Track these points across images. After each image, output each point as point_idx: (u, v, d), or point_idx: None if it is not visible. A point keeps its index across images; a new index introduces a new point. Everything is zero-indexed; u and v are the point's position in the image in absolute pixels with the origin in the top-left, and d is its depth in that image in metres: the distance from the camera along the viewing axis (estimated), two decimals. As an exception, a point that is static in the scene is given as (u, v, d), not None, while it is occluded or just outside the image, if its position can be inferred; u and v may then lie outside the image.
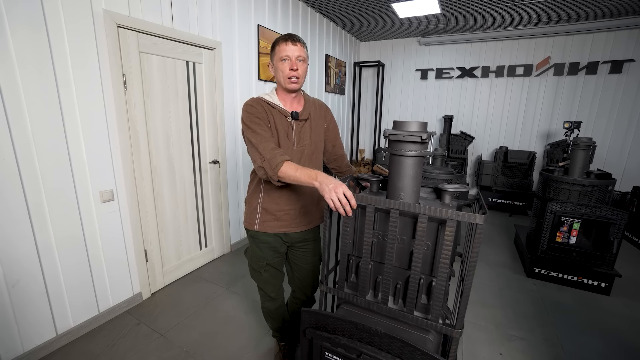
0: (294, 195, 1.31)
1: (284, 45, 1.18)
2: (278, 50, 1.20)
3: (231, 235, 2.99)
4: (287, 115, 1.24)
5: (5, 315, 1.54)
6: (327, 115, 1.43)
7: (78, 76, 1.69)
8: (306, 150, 1.29)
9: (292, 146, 1.27)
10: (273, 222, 1.33)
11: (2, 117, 1.43)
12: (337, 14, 4.01)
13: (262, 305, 1.59)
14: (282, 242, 1.39)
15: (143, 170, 2.12)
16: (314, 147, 1.33)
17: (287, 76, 1.19)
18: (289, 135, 1.25)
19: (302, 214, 1.35)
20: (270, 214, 1.32)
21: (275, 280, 1.48)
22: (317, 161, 1.37)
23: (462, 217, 0.86)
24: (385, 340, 0.90)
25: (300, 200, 1.33)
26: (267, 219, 1.33)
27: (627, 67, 3.91)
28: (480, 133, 4.90)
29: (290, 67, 1.18)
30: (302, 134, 1.28)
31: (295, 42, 1.18)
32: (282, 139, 1.24)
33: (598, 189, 2.50)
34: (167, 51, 2.17)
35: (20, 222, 1.55)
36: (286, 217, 1.33)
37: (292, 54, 1.18)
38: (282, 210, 1.32)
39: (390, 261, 1.01)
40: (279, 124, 1.23)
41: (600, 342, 1.91)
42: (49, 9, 1.53)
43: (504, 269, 2.82)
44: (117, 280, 2.04)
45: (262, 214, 1.33)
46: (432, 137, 1.00)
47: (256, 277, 1.48)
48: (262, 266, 1.41)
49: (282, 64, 1.19)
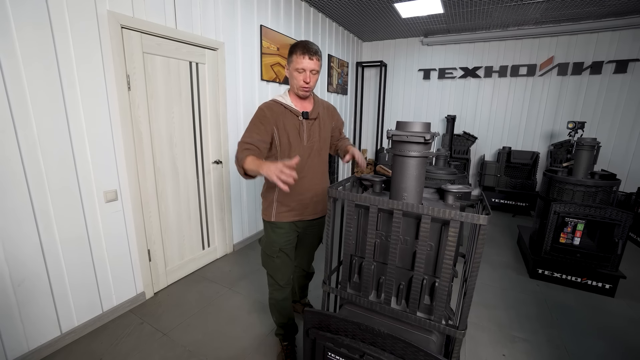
0: (304, 187, 1.47)
1: (302, 58, 1.30)
2: (295, 61, 1.32)
3: (234, 235, 3.00)
4: (299, 115, 1.39)
5: (11, 314, 1.56)
6: (335, 115, 1.58)
7: (82, 77, 1.70)
8: (315, 146, 1.44)
9: (303, 142, 1.41)
10: (287, 213, 1.50)
11: (8, 118, 1.45)
12: (340, 14, 4.01)
13: (270, 297, 1.66)
14: (295, 229, 1.56)
15: (147, 170, 2.13)
16: (322, 143, 1.48)
17: (299, 85, 1.35)
18: (300, 133, 1.40)
19: (313, 203, 1.52)
20: (285, 206, 1.49)
21: (285, 268, 1.58)
22: (324, 156, 1.52)
23: (466, 218, 0.86)
24: (388, 340, 0.90)
25: (311, 191, 1.49)
26: (282, 210, 1.49)
27: (632, 66, 3.88)
28: (483, 133, 4.88)
29: (304, 79, 1.33)
30: (312, 131, 1.43)
31: (312, 56, 1.31)
32: (293, 137, 1.39)
33: (602, 189, 2.49)
34: (171, 52, 2.18)
35: (25, 222, 1.56)
36: (298, 207, 1.49)
37: (307, 67, 1.32)
38: (294, 200, 1.48)
39: (394, 262, 1.01)
40: (290, 123, 1.38)
41: (604, 344, 1.90)
42: (54, 9, 1.54)
43: (507, 269, 2.80)
44: (121, 279, 2.05)
45: (278, 207, 1.49)
46: (435, 138, 1.00)
47: (268, 263, 1.59)
48: (275, 251, 1.53)
49: (297, 74, 1.34)
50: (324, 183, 1.54)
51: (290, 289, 1.66)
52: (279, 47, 3.24)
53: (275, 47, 3.20)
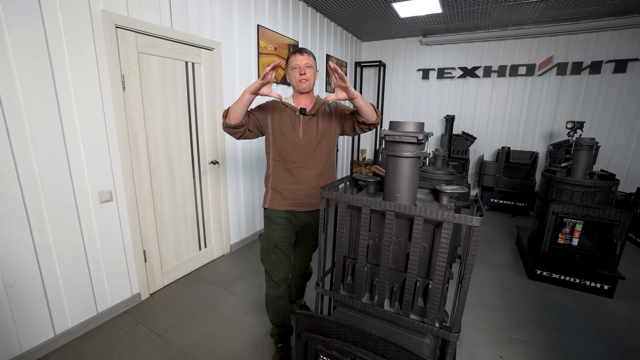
0: (297, 177, 1.52)
1: (294, 57, 1.45)
2: (290, 62, 1.47)
3: (231, 236, 2.98)
4: (296, 111, 1.49)
5: (3, 315, 1.54)
6: (339, 107, 1.61)
7: (76, 77, 1.69)
8: (312, 139, 1.50)
9: (299, 135, 1.49)
10: (281, 201, 1.54)
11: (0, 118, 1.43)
12: (338, 14, 4.00)
13: (266, 294, 1.67)
14: (292, 226, 1.58)
15: (142, 170, 2.12)
16: (320, 137, 1.52)
17: (297, 80, 1.45)
18: (295, 126, 1.49)
19: (307, 196, 1.55)
20: (279, 193, 1.55)
21: (282, 265, 1.60)
22: (322, 149, 1.54)
23: (459, 220, 0.84)
24: (380, 344, 0.88)
25: (305, 183, 1.53)
26: (276, 198, 1.55)
27: (632, 66, 3.86)
28: (482, 133, 4.86)
29: (300, 73, 1.45)
30: (309, 126, 1.50)
31: (302, 53, 1.44)
32: (287, 129, 1.48)
33: (601, 190, 2.47)
34: (166, 52, 2.17)
35: (18, 223, 1.55)
36: (291, 197, 1.54)
37: (301, 63, 1.44)
38: (287, 189, 1.53)
39: (387, 263, 1.00)
40: (286, 117, 1.49)
41: (602, 345, 1.89)
42: (46, 9, 1.53)
43: (506, 270, 2.79)
44: (116, 280, 2.04)
45: (272, 193, 1.56)
46: (429, 138, 0.99)
47: (265, 259, 1.62)
48: (272, 247, 1.57)
49: (293, 71, 1.46)
50: (321, 175, 1.56)
51: (286, 288, 1.66)
52: (276, 47, 3.23)
53: (273, 47, 3.18)
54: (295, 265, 1.87)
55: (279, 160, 1.52)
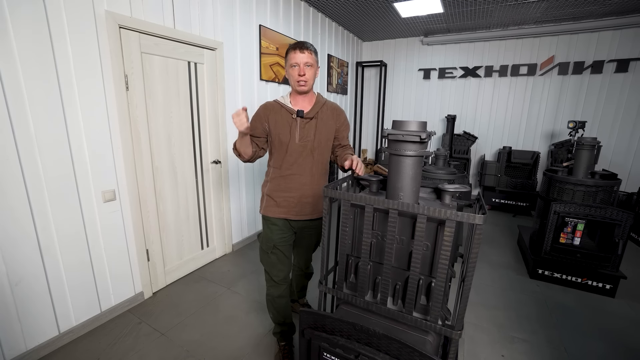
0: (292, 185, 1.48)
1: (293, 53, 1.34)
2: (289, 58, 1.37)
3: (233, 235, 2.99)
4: (293, 113, 1.42)
5: (9, 313, 1.56)
6: (340, 118, 1.53)
7: (80, 76, 1.70)
8: (309, 145, 1.44)
9: (295, 140, 1.43)
10: (274, 208, 1.51)
11: (5, 117, 1.44)
12: (339, 14, 4.00)
13: (267, 293, 1.67)
14: (290, 227, 1.55)
15: (145, 170, 2.13)
16: (317, 143, 1.45)
17: (295, 80, 1.37)
18: (292, 130, 1.42)
19: (301, 204, 1.50)
20: (272, 200, 1.51)
21: (281, 265, 1.59)
22: (319, 157, 1.48)
23: (461, 218, 0.85)
24: (383, 341, 0.89)
25: (299, 190, 1.48)
26: (270, 204, 1.52)
27: (634, 65, 3.86)
28: (483, 133, 4.86)
29: (299, 73, 1.35)
30: (306, 130, 1.43)
31: (303, 50, 1.33)
32: (284, 134, 1.43)
33: (603, 189, 2.47)
34: (169, 52, 2.18)
35: (23, 222, 1.56)
36: (285, 204, 1.49)
37: (301, 61, 1.33)
38: (280, 197, 1.49)
39: (390, 262, 1.00)
40: (282, 120, 1.43)
41: (604, 344, 1.89)
42: (51, 10, 1.54)
43: (507, 270, 2.79)
44: (119, 279, 2.05)
45: (267, 200, 1.53)
46: (431, 137, 0.99)
47: (265, 259, 1.61)
48: (270, 247, 1.55)
49: (292, 70, 1.36)
50: (315, 185, 1.50)
51: (287, 287, 1.66)
52: (278, 47, 3.24)
53: (275, 47, 3.19)
54: (295, 265, 1.87)
55: (276, 168, 1.50)
